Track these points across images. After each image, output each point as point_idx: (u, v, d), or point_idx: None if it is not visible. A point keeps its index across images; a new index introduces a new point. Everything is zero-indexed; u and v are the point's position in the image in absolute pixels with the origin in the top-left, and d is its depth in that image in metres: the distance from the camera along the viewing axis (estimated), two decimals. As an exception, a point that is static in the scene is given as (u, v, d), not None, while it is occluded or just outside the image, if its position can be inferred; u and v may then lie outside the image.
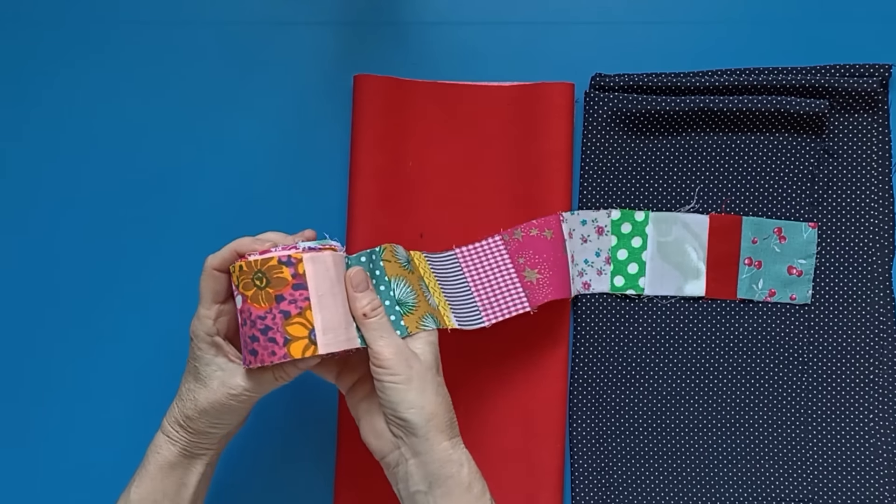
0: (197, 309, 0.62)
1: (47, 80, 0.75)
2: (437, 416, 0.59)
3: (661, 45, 0.74)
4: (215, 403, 0.61)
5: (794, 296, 0.72)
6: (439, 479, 0.59)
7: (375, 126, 0.73)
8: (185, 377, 0.62)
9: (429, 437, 0.59)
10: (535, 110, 0.72)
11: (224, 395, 0.61)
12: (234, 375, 0.61)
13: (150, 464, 0.62)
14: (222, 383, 0.61)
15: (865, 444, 0.72)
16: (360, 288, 0.61)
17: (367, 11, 0.76)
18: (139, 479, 0.62)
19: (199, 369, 0.61)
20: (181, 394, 0.62)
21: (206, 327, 0.61)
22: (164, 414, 0.63)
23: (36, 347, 0.74)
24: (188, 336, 0.62)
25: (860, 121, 0.73)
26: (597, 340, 0.73)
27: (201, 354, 0.61)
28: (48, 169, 0.75)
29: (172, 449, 0.62)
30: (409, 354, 0.59)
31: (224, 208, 0.74)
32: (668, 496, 0.72)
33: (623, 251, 0.71)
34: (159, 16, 0.76)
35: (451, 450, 0.60)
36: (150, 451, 0.62)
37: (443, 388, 0.60)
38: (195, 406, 0.61)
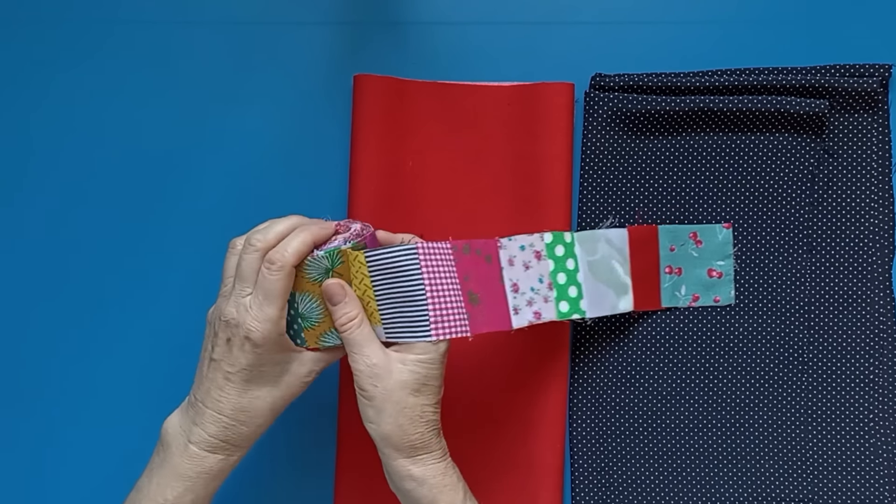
0: (260, 311, 0.57)
1: (48, 79, 0.75)
2: (392, 436, 0.59)
3: (661, 45, 0.74)
4: (291, 397, 0.60)
5: (718, 297, 0.73)
6: (400, 491, 0.61)
7: (375, 126, 0.73)
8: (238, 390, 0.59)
9: (384, 451, 0.60)
10: (535, 110, 0.72)
11: (299, 386, 0.60)
12: (302, 364, 0.60)
13: (187, 470, 0.59)
14: (296, 376, 0.60)
15: (865, 444, 0.72)
16: (333, 301, 0.60)
17: (367, 11, 0.76)
18: (174, 483, 0.59)
19: (266, 373, 0.59)
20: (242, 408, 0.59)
21: (280, 329, 0.58)
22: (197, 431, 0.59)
23: (38, 345, 0.74)
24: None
25: (860, 121, 0.73)
26: (597, 341, 0.73)
27: (272, 356, 0.59)
28: (49, 167, 0.75)
29: (229, 460, 0.60)
30: (376, 373, 0.59)
31: (224, 208, 0.74)
32: (668, 496, 0.72)
33: (562, 275, 0.67)
34: (159, 15, 0.76)
35: (411, 466, 0.60)
36: (186, 459, 0.59)
37: (411, 410, 0.59)
38: (271, 409, 0.60)
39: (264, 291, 0.58)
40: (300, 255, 0.58)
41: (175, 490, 0.59)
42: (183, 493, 0.59)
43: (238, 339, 0.58)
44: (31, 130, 0.75)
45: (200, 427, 0.59)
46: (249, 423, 0.60)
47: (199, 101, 0.75)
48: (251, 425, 0.60)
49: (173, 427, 0.61)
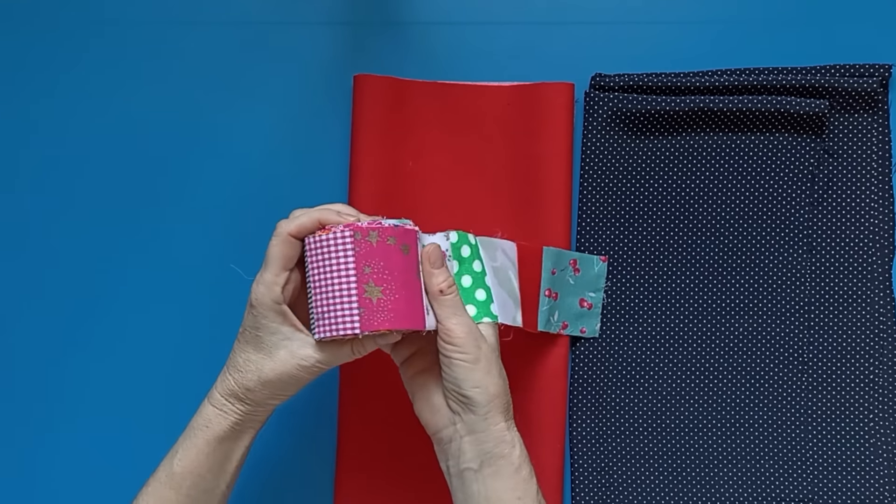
0: (262, 274, 0.59)
1: (48, 78, 0.75)
2: (499, 396, 0.60)
3: (661, 45, 0.74)
4: (283, 374, 0.60)
5: (584, 329, 0.72)
6: (492, 458, 0.60)
7: (375, 126, 0.73)
8: (241, 347, 0.60)
9: (488, 416, 0.60)
10: (535, 110, 0.72)
11: (294, 367, 0.60)
12: (304, 346, 0.60)
13: (197, 437, 0.60)
14: (291, 354, 0.60)
15: (865, 444, 0.72)
16: (436, 265, 0.61)
17: (367, 11, 0.76)
18: (184, 452, 0.60)
19: (262, 338, 0.60)
20: (237, 364, 0.60)
21: (273, 294, 0.59)
22: (213, 385, 0.61)
23: (39, 345, 0.74)
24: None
25: (860, 121, 0.73)
26: (597, 341, 0.73)
27: (266, 323, 0.59)
28: (49, 166, 0.75)
29: (223, 423, 0.60)
30: (478, 335, 0.61)
31: (224, 208, 0.74)
32: (668, 496, 0.72)
33: (467, 277, 0.63)
34: (159, 15, 0.76)
35: (507, 431, 0.61)
36: (198, 424, 0.61)
37: (503, 371, 0.61)
38: (259, 377, 0.60)
39: (265, 257, 0.60)
40: (301, 227, 0.59)
41: (180, 444, 0.61)
42: (184, 444, 0.61)
43: (247, 303, 0.61)
44: (30, 130, 0.75)
45: (215, 385, 0.62)
46: (239, 383, 0.60)
47: (200, 100, 0.75)
48: (241, 385, 0.60)
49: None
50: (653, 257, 0.73)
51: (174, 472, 0.60)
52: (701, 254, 0.73)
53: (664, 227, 0.74)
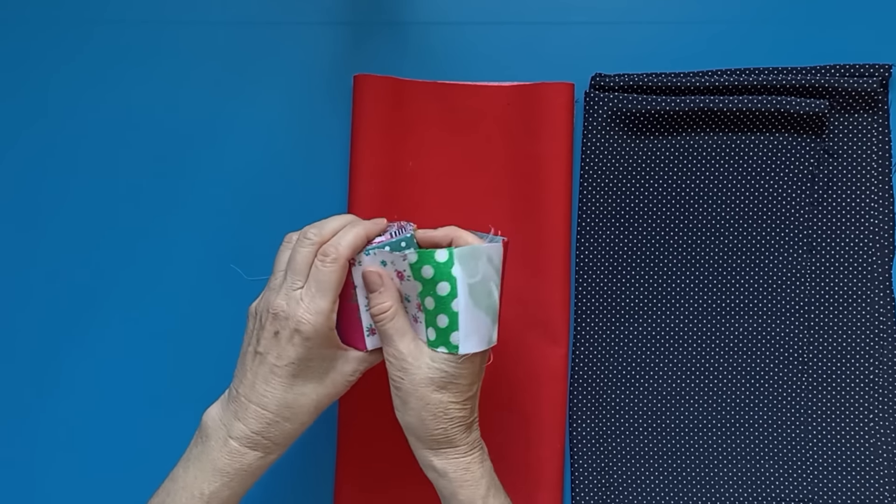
0: (315, 303, 0.57)
1: (46, 77, 0.75)
2: (415, 428, 0.60)
3: (661, 45, 0.74)
4: (334, 395, 0.60)
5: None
6: (430, 479, 0.62)
7: (375, 126, 0.73)
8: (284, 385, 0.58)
9: (409, 439, 0.61)
10: (535, 110, 0.72)
11: (344, 385, 0.60)
12: (348, 362, 0.60)
13: (226, 466, 0.58)
14: (341, 374, 0.60)
15: (865, 444, 0.72)
16: (371, 288, 0.60)
17: (367, 11, 0.76)
18: (211, 477, 0.58)
19: (313, 368, 0.58)
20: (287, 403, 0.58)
21: (331, 323, 0.58)
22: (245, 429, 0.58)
23: (38, 344, 0.74)
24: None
25: (860, 121, 0.73)
26: (597, 340, 0.73)
27: (320, 352, 0.58)
28: (49, 167, 0.75)
29: (270, 458, 0.59)
30: (405, 366, 0.59)
31: (224, 208, 0.74)
32: (668, 496, 0.72)
33: (430, 299, 0.58)
34: (159, 15, 0.76)
35: (433, 458, 0.60)
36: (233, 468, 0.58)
37: (434, 406, 0.58)
38: (316, 407, 0.59)
39: (317, 283, 0.57)
40: (354, 248, 0.58)
41: (213, 485, 0.58)
42: (220, 489, 0.58)
43: (287, 332, 0.57)
44: (31, 129, 0.75)
45: (242, 422, 0.58)
46: (293, 420, 0.58)
47: (199, 100, 0.75)
48: (295, 422, 0.59)
49: (213, 420, 0.59)
50: (653, 257, 0.73)
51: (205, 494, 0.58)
52: (701, 254, 0.73)
53: (664, 227, 0.74)
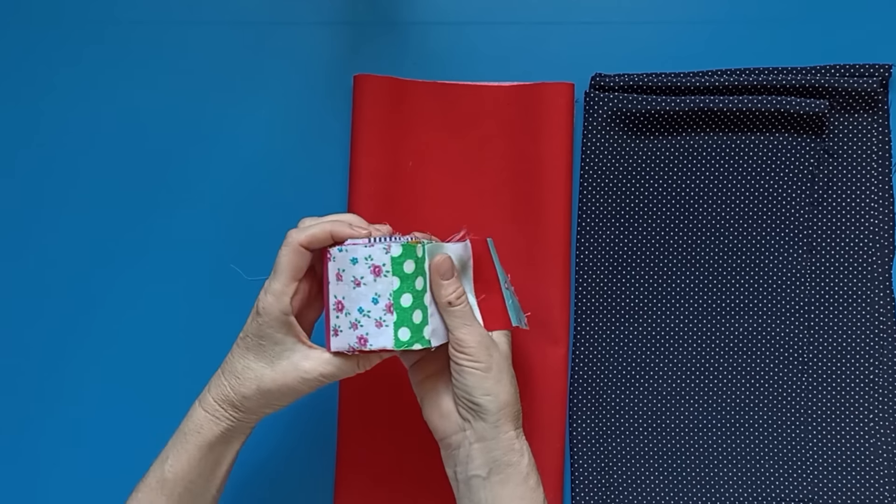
0: (269, 284, 0.59)
1: (48, 78, 0.75)
2: (510, 405, 0.61)
3: (661, 45, 0.74)
4: (283, 386, 0.59)
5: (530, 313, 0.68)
6: (500, 466, 0.61)
7: (375, 126, 0.73)
8: (241, 353, 0.60)
9: (498, 424, 0.60)
10: (535, 110, 0.72)
11: (295, 379, 0.59)
12: (307, 359, 0.59)
13: (188, 442, 0.60)
14: (294, 366, 0.59)
15: (865, 444, 0.72)
16: (445, 276, 0.61)
17: (367, 11, 0.76)
18: (175, 457, 0.60)
19: (265, 347, 0.59)
20: (235, 370, 0.60)
21: (282, 305, 0.59)
22: (205, 388, 0.61)
23: (37, 344, 0.74)
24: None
25: (860, 121, 0.73)
26: (597, 340, 0.73)
27: (271, 332, 0.59)
28: (48, 166, 0.75)
29: (215, 429, 0.60)
30: (489, 343, 0.61)
31: (224, 208, 0.74)
32: (668, 496, 0.72)
33: (407, 296, 0.59)
34: (159, 15, 0.76)
35: (516, 439, 0.61)
36: (189, 430, 0.60)
37: (514, 378, 0.62)
38: (258, 386, 0.59)
39: (274, 266, 0.60)
40: (312, 237, 0.59)
41: (171, 448, 0.60)
42: (175, 449, 0.60)
43: (252, 311, 0.60)
44: (31, 129, 0.75)
45: (207, 389, 0.61)
46: (235, 389, 0.60)
47: (200, 100, 0.75)
48: (237, 392, 0.60)
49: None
50: (653, 257, 0.73)
51: (166, 478, 0.60)
52: (701, 254, 0.73)
53: (664, 227, 0.74)
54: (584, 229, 0.74)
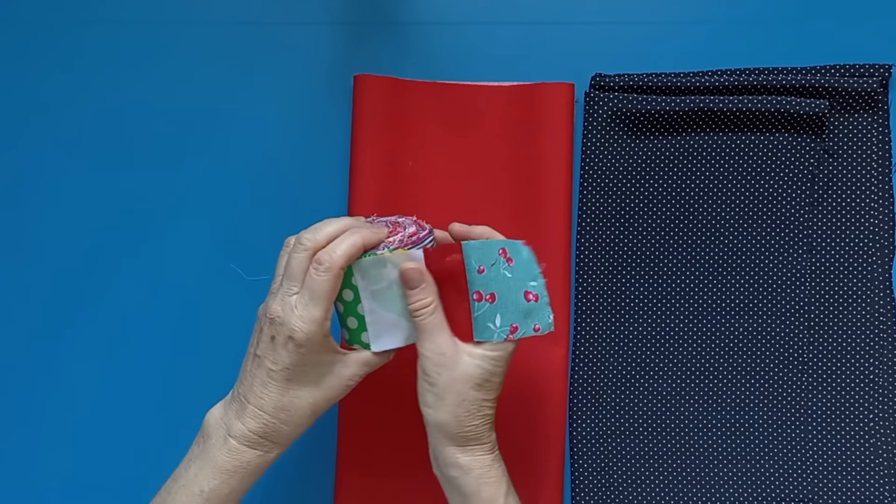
0: (308, 311, 0.57)
1: (46, 78, 0.75)
2: (447, 425, 0.59)
3: (661, 45, 0.74)
4: (332, 399, 0.60)
5: (538, 326, 0.61)
6: (444, 477, 0.61)
7: (375, 126, 0.73)
8: (280, 388, 0.58)
9: (435, 436, 0.61)
10: (535, 110, 0.72)
11: (343, 389, 0.60)
12: (347, 366, 0.60)
13: (231, 478, 0.59)
14: (339, 378, 0.60)
15: (865, 444, 0.72)
16: (410, 285, 0.59)
17: (367, 11, 0.76)
18: (211, 474, 0.58)
19: (308, 373, 0.58)
20: (283, 407, 0.58)
21: (324, 330, 0.58)
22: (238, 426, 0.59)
23: (35, 344, 0.74)
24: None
25: (860, 121, 0.73)
26: (597, 340, 0.73)
27: (316, 358, 0.58)
28: (48, 166, 0.75)
29: (263, 461, 0.59)
30: (445, 361, 0.59)
31: (224, 208, 0.74)
32: (669, 496, 0.72)
33: (339, 304, 0.61)
34: (159, 15, 0.76)
35: (459, 455, 0.60)
36: (233, 467, 0.58)
37: (470, 403, 0.59)
38: (312, 411, 0.59)
39: (311, 292, 0.57)
40: (349, 257, 0.58)
41: (212, 482, 0.58)
42: (219, 486, 0.58)
43: (282, 338, 0.57)
44: (30, 130, 0.75)
45: (241, 422, 0.59)
46: (289, 423, 0.59)
47: (200, 100, 0.75)
48: (291, 424, 0.59)
49: (215, 419, 0.60)
50: (653, 257, 0.73)
51: (204, 492, 0.58)
52: (701, 254, 0.73)
53: (664, 227, 0.74)
54: (584, 229, 0.74)
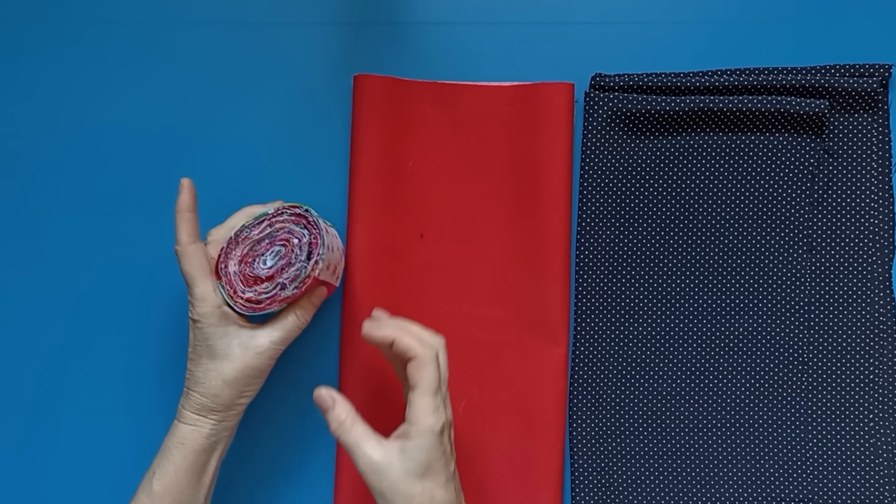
0: (190, 292, 0.62)
1: (46, 78, 0.75)
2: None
3: (661, 45, 0.74)
4: (245, 369, 0.62)
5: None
6: None
7: (375, 126, 0.73)
8: (194, 364, 0.63)
9: None
10: (535, 110, 0.73)
11: (252, 357, 0.62)
12: (254, 337, 0.63)
13: (173, 455, 0.62)
14: (245, 348, 0.62)
15: (865, 444, 0.72)
16: (324, 407, 0.61)
17: (367, 11, 0.76)
18: (161, 471, 0.62)
19: (214, 347, 0.62)
20: (197, 378, 0.63)
21: (212, 302, 0.62)
22: (179, 408, 0.63)
23: (35, 345, 0.74)
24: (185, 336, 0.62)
25: (860, 121, 0.73)
26: (597, 340, 0.73)
27: (213, 331, 0.62)
28: (47, 166, 0.75)
29: (198, 436, 0.62)
30: (380, 468, 0.58)
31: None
32: (668, 496, 0.72)
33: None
34: (159, 15, 0.76)
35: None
36: (173, 443, 0.63)
37: (420, 496, 0.58)
38: (223, 381, 0.62)
39: (185, 276, 0.63)
40: (189, 234, 0.63)
41: (157, 465, 0.63)
42: (161, 463, 0.62)
43: (189, 321, 0.64)
44: (30, 129, 0.75)
45: (182, 406, 0.64)
46: (206, 394, 0.62)
47: (199, 100, 0.75)
48: (207, 395, 0.62)
49: None
50: (653, 257, 0.73)
51: (154, 492, 0.62)
52: (701, 254, 0.73)
53: (664, 227, 0.74)
54: (584, 229, 0.74)
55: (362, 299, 0.72)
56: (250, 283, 0.63)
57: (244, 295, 0.63)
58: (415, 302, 0.72)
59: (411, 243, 0.73)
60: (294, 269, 0.63)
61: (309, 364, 0.73)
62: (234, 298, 0.63)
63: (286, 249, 0.64)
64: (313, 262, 0.63)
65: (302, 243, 0.63)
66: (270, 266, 0.64)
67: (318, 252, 0.63)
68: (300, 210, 0.64)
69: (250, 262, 0.64)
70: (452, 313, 0.72)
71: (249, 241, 0.65)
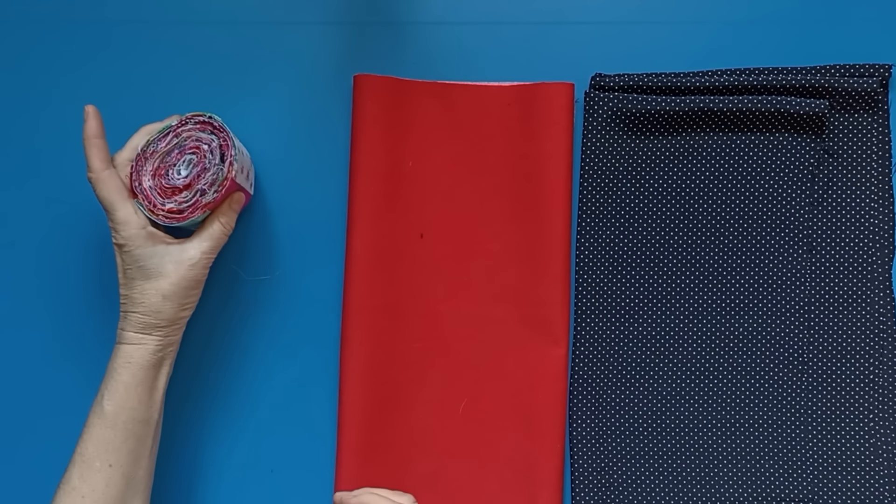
0: (111, 217, 0.63)
1: (48, 77, 0.75)
2: None
3: (661, 45, 0.74)
4: (181, 282, 0.64)
5: None
6: None
7: (375, 126, 0.73)
8: (130, 285, 0.64)
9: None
10: (535, 110, 0.73)
11: (187, 270, 0.64)
12: (184, 251, 0.64)
13: (121, 374, 0.63)
14: (178, 263, 0.64)
15: (865, 444, 0.72)
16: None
17: (367, 11, 0.76)
18: (110, 392, 0.63)
19: (146, 267, 0.63)
20: (133, 299, 0.64)
21: (135, 224, 0.63)
22: (118, 331, 0.64)
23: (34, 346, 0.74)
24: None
25: (860, 121, 0.73)
26: (597, 340, 0.73)
27: (142, 252, 0.63)
28: (47, 166, 0.75)
29: (145, 353, 0.64)
30: None
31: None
32: (668, 496, 0.72)
33: None
34: (159, 15, 0.76)
35: None
36: (118, 364, 0.63)
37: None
38: (162, 296, 0.63)
39: (103, 203, 0.64)
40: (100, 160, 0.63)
41: (104, 388, 0.63)
42: (108, 385, 0.63)
43: (114, 248, 0.65)
44: (30, 129, 0.75)
45: (121, 329, 0.65)
46: (147, 312, 0.64)
47: (199, 100, 0.75)
48: (149, 313, 0.64)
49: None
50: (653, 257, 0.74)
51: (106, 413, 0.62)
52: (701, 254, 0.73)
53: (664, 227, 0.74)
54: (584, 229, 0.74)
55: (362, 299, 0.72)
56: (168, 195, 0.64)
57: (165, 207, 0.64)
58: (415, 302, 0.72)
59: (411, 243, 0.73)
60: (210, 174, 0.64)
61: (309, 364, 0.73)
62: (155, 212, 0.64)
63: (198, 157, 0.65)
64: (228, 164, 0.64)
65: (212, 147, 0.65)
66: (186, 175, 0.65)
67: (230, 153, 0.64)
68: (204, 118, 0.66)
69: (164, 174, 0.65)
70: (452, 313, 0.72)
71: (159, 154, 0.65)
